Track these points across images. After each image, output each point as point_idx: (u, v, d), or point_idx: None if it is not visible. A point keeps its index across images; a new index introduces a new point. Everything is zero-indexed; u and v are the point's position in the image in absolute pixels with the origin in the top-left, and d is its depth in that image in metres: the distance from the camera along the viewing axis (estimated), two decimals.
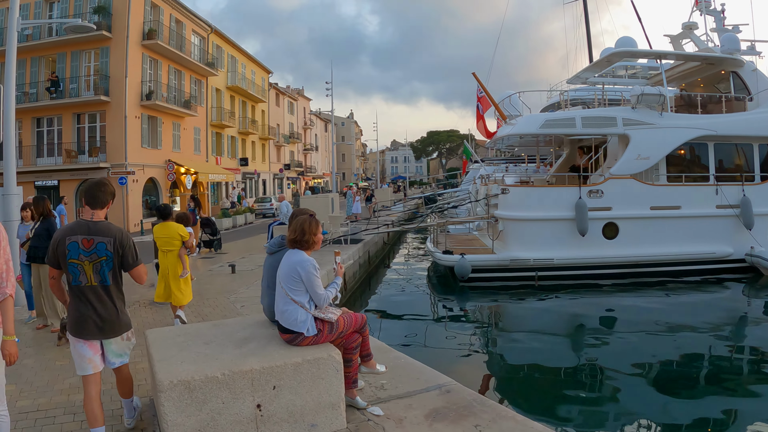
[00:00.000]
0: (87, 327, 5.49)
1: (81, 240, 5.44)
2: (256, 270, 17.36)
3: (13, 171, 13.18)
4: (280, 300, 6.21)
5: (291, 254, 6.33)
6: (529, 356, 13.87)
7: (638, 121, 21.88)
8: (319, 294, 6.17)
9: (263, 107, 73.43)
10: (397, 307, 19.25)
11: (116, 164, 39.44)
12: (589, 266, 21.12)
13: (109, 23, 39.87)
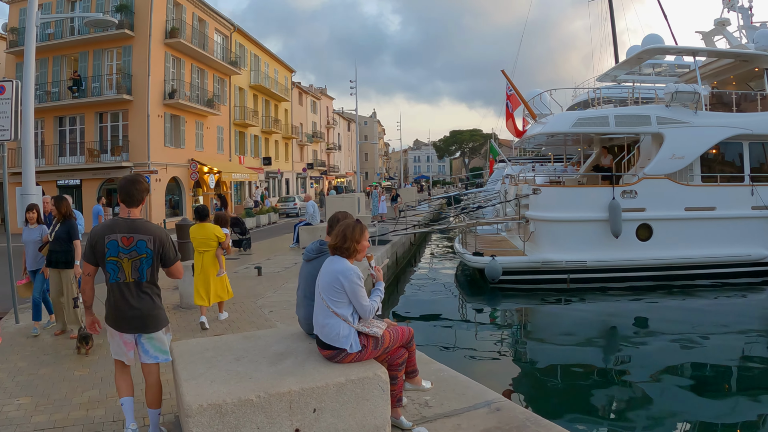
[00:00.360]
0: (124, 322, 5.56)
1: (120, 238, 5.49)
2: (283, 273, 16.85)
3: (31, 170, 12.67)
4: (321, 313, 5.62)
5: (332, 262, 5.73)
6: (561, 361, 13.48)
7: (673, 120, 21.19)
8: (363, 306, 5.59)
9: (286, 106, 72.98)
10: (425, 310, 18.74)
11: (139, 163, 39.09)
12: (622, 269, 20.44)
13: (131, 22, 39.64)
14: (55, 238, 10.01)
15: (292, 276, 16.14)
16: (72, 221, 10.20)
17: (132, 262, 5.49)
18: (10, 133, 11.86)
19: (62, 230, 10.02)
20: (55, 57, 41.42)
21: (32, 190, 12.47)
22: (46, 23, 40.32)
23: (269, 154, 65.89)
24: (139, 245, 5.51)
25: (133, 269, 5.50)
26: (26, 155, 12.68)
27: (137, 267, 5.51)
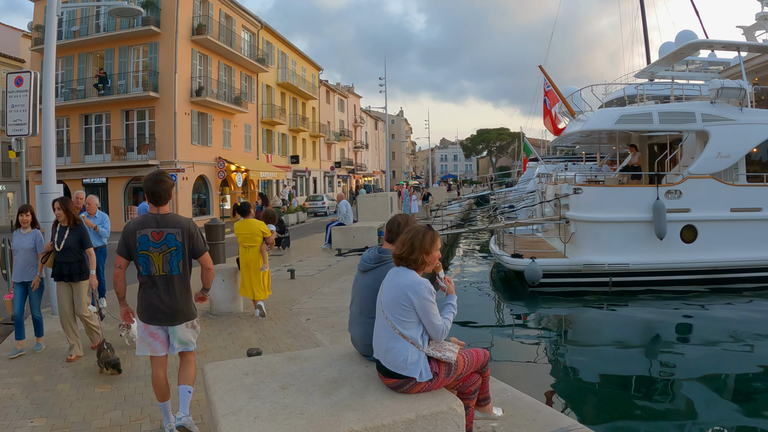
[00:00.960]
0: (155, 314, 5.74)
1: (151, 233, 5.70)
2: (317, 276, 16.02)
3: (52, 167, 11.83)
4: (384, 334, 4.71)
5: (398, 274, 4.81)
6: (602, 368, 12.85)
7: (718, 117, 20.25)
8: (435, 325, 4.70)
9: (313, 104, 72.28)
10: (459, 313, 17.62)
11: (165, 161, 38.45)
12: (665, 272, 19.54)
13: (157, 18, 39.03)
14: (64, 248, 8.69)
15: (326, 280, 15.35)
16: (82, 227, 9.00)
17: (162, 256, 5.70)
18: (29, 128, 11.12)
19: (73, 239, 8.76)
20: (80, 54, 40.95)
21: (53, 188, 11.65)
22: (71, 20, 40.05)
23: (297, 152, 65.20)
24: (169, 239, 5.72)
25: (164, 262, 5.71)
26: (47, 151, 11.85)
27: (168, 260, 5.72)
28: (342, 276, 15.77)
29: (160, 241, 5.71)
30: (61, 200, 8.88)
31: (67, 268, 8.74)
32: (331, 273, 16.42)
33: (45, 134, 11.74)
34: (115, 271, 5.91)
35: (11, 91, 11.23)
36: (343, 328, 10.02)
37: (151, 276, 5.73)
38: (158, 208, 5.85)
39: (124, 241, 5.79)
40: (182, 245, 5.78)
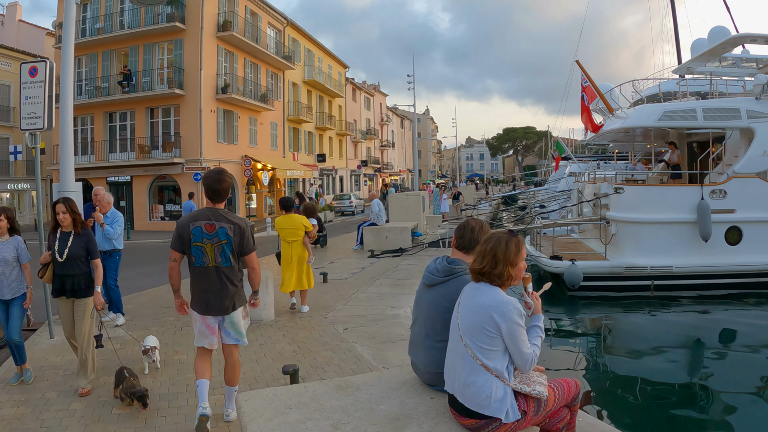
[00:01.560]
0: (207, 304, 6.05)
1: (204, 225, 5.93)
2: (351, 279, 15.15)
3: (70, 165, 11.04)
4: (462, 365, 3.84)
5: (479, 293, 3.93)
6: (643, 375, 12.24)
7: (764, 114, 19.51)
8: (524, 354, 3.87)
9: (340, 102, 71.44)
10: None
11: (191, 159, 37.88)
12: (710, 275, 18.64)
13: (182, 14, 38.37)
14: (68, 257, 7.29)
15: (361, 284, 14.47)
16: (89, 233, 7.58)
17: (214, 248, 5.92)
18: (44, 121, 10.32)
19: (78, 246, 7.37)
20: (104, 52, 40.49)
21: (71, 186, 10.87)
22: (95, 18, 39.67)
23: (323, 150, 64.41)
24: (221, 232, 5.92)
25: (215, 254, 5.93)
26: (64, 147, 11.07)
27: (219, 252, 5.93)
28: (377, 280, 14.89)
29: (213, 234, 5.93)
30: (65, 201, 7.47)
31: (70, 282, 7.33)
32: (366, 276, 15.55)
33: (63, 129, 11.00)
34: (170, 264, 6.14)
35: (25, 82, 10.44)
36: (385, 338, 9.18)
37: (204, 267, 5.97)
38: (214, 204, 6.14)
39: (177, 234, 6.03)
40: (232, 239, 5.95)
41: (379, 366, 7.84)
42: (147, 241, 31.34)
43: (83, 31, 40.59)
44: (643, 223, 18.78)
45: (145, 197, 39.53)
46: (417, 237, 22.05)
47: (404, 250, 19.94)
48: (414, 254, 19.48)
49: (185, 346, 9.31)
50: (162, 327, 10.61)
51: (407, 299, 12.10)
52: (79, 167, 39.50)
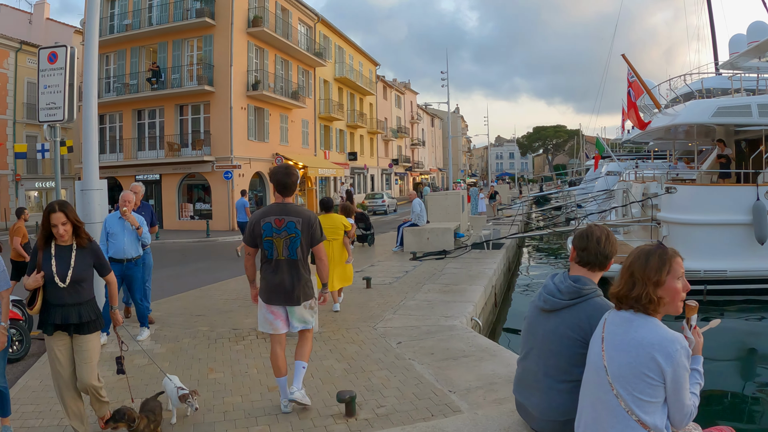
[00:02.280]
0: (275, 294, 6.23)
1: (273, 220, 6.16)
2: (395, 285, 14.00)
3: (94, 161, 10.07)
4: (612, 420, 2.83)
5: (633, 326, 2.92)
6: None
7: None
8: (685, 406, 3.03)
9: (371, 100, 70.45)
10: None
11: (221, 157, 36.97)
12: (766, 280, 17.45)
13: (212, 10, 37.51)
14: (73, 280, 5.43)
15: (407, 289, 13.33)
16: (95, 245, 5.76)
17: (283, 241, 6.14)
18: (63, 112, 9.34)
19: (84, 263, 5.56)
20: (133, 48, 39.87)
21: (95, 184, 9.90)
22: (123, 14, 39.08)
23: (354, 149, 63.54)
24: (289, 226, 6.14)
25: (284, 247, 6.14)
26: (88, 142, 10.12)
27: (287, 245, 6.14)
28: (424, 285, 13.76)
29: (282, 228, 6.14)
30: (62, 207, 5.49)
31: (76, 313, 5.45)
32: (411, 281, 14.42)
33: (87, 121, 10.03)
34: (245, 258, 6.48)
35: (44, 69, 9.52)
36: (445, 355, 8.17)
37: (274, 260, 6.19)
38: (283, 198, 6.33)
39: (250, 230, 6.28)
40: (301, 233, 6.17)
41: (444, 389, 6.78)
42: (176, 241, 30.50)
43: (111, 27, 40.06)
44: (696, 224, 17.77)
45: (174, 196, 38.81)
46: (459, 238, 20.96)
47: (447, 252, 18.85)
48: (458, 257, 18.38)
49: (221, 362, 8.28)
50: (194, 339, 9.58)
51: (460, 308, 11.04)
52: (107, 165, 39.22)
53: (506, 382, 6.69)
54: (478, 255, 18.67)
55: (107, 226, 9.33)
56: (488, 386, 6.77)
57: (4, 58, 44.92)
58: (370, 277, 13.89)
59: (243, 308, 11.89)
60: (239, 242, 28.34)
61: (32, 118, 45.01)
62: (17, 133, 45.73)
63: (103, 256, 5.89)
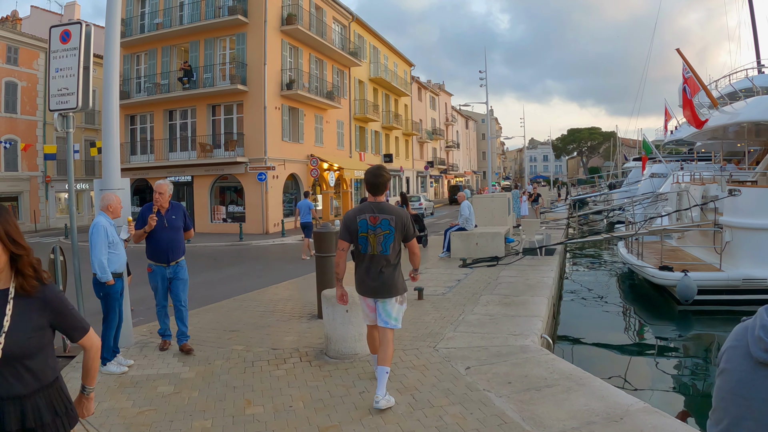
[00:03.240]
0: (368, 286, 6.61)
1: (368, 217, 6.52)
2: (449, 296, 12.66)
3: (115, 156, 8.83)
4: None
5: None
6: None
7: None
8: None
9: (406, 101, 69.15)
10: (591, 332, 15.68)
11: (255, 159, 35.74)
12: None
13: (244, 7, 36.37)
14: (4, 355, 2.83)
15: (464, 301, 11.99)
16: (53, 292, 3.07)
17: (377, 237, 6.50)
18: (77, 99, 8.08)
19: (28, 325, 2.95)
20: (164, 47, 38.97)
21: (116, 183, 8.67)
22: (154, 13, 38.27)
23: (390, 151, 62.25)
24: (383, 223, 6.50)
25: (377, 243, 6.50)
26: (108, 136, 8.86)
27: (380, 242, 6.50)
28: (482, 296, 12.41)
29: (376, 225, 6.46)
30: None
31: (13, 413, 2.87)
32: (465, 292, 13.07)
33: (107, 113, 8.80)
34: (337, 253, 6.68)
35: (55, 50, 8.28)
36: (525, 384, 6.90)
37: (368, 255, 6.52)
38: (375, 197, 6.65)
39: (346, 227, 6.58)
40: (394, 230, 6.47)
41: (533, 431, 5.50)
42: (208, 245, 29.45)
43: (141, 27, 39.32)
44: (764, 229, 16.40)
45: (206, 198, 37.73)
46: (508, 243, 19.63)
47: (499, 259, 17.51)
48: (510, 264, 17.03)
49: (259, 392, 6.98)
50: (228, 360, 8.30)
51: (527, 324, 9.72)
52: (138, 167, 38.48)
53: (606, 422, 5.60)
54: (531, 262, 17.36)
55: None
56: (586, 427, 5.52)
57: (33, 58, 44.82)
58: (421, 288, 12.51)
59: (282, 323, 10.65)
60: (296, 244, 27.56)
61: None
62: (47, 134, 45.53)
63: (71, 311, 3.17)
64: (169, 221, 8.61)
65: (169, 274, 8.68)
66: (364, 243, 6.53)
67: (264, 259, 22.60)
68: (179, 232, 8.79)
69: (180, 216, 8.85)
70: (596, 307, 18.51)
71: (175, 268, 8.73)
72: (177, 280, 8.78)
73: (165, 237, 8.57)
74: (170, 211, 8.71)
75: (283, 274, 17.78)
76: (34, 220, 44.53)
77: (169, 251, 8.61)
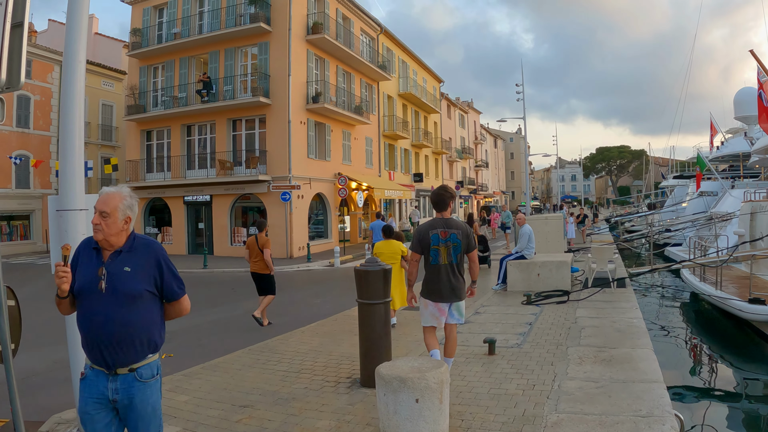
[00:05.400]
0: (441, 293, 7.47)
1: (440, 232, 7.42)
2: (527, 348, 9.79)
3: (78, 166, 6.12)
4: None
5: None
6: None
7: None
8: None
9: (435, 118, 66.32)
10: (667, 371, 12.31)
11: (278, 177, 32.99)
12: None
13: (267, 15, 33.83)
14: None
15: (549, 356, 9.15)
16: None
17: (447, 249, 7.40)
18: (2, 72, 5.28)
19: None
20: (182, 59, 36.48)
21: (77, 203, 5.96)
22: (172, 22, 36.03)
23: (419, 169, 59.41)
24: (452, 237, 7.40)
25: (447, 254, 7.40)
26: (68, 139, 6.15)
27: (449, 252, 7.40)
28: (569, 347, 9.57)
29: (446, 239, 7.39)
30: None
31: None
32: (545, 341, 10.16)
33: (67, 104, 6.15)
34: (411, 264, 7.81)
35: None
36: None
37: (438, 265, 7.43)
38: (441, 213, 7.64)
39: (418, 240, 7.54)
40: (461, 242, 7.41)
41: None
42: (226, 270, 26.89)
43: (159, 37, 37.07)
44: None
45: (226, 219, 35.07)
46: (573, 273, 16.77)
47: (569, 294, 14.61)
48: (583, 300, 14.18)
49: None
50: None
51: (648, 394, 7.02)
52: (153, 185, 35.92)
53: None
54: (605, 296, 14.53)
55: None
56: None
57: (47, 71, 42.94)
58: (492, 339, 9.55)
59: (312, 392, 7.79)
60: (323, 270, 24.95)
61: None
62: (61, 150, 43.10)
63: None
64: (111, 278, 3.90)
65: (113, 393, 3.90)
66: (435, 255, 7.39)
67: (288, 289, 19.97)
68: (136, 306, 3.94)
69: (143, 268, 4.01)
70: (665, 342, 15.60)
71: (126, 383, 3.93)
72: (131, 411, 3.95)
73: (99, 313, 3.86)
74: (122, 256, 4.02)
75: (310, 312, 15.06)
76: (46, 240, 42.29)
77: (106, 345, 3.87)
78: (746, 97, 36.52)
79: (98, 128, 47.32)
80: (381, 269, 7.87)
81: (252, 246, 14.11)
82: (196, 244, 36.28)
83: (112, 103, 47.98)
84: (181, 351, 11.19)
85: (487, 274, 20.63)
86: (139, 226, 38.11)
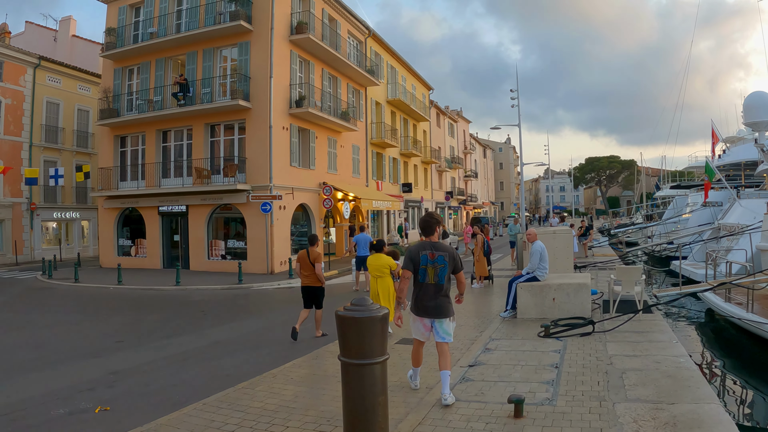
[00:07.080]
0: (426, 309, 7.98)
1: (428, 253, 7.97)
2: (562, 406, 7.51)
3: None
4: None
5: None
6: None
7: None
8: None
9: (425, 127, 64.37)
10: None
11: (258, 186, 30.74)
12: None
13: (248, 13, 31.67)
14: None
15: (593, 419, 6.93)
16: None
17: (434, 270, 7.93)
18: None
19: None
20: (158, 60, 34.23)
21: None
22: (148, 21, 33.65)
23: (408, 179, 57.33)
24: (439, 258, 7.96)
25: (434, 274, 7.93)
26: None
27: (437, 273, 7.93)
28: (615, 404, 7.34)
29: (434, 260, 7.93)
30: None
31: None
32: (581, 394, 7.94)
33: None
34: (403, 281, 8.07)
35: None
36: None
37: (426, 283, 7.96)
38: (429, 237, 8.23)
39: (410, 259, 8.01)
40: (447, 263, 7.98)
41: None
42: (200, 288, 24.63)
43: (135, 37, 34.82)
44: None
45: (203, 231, 32.78)
46: (593, 294, 14.60)
47: (593, 323, 12.34)
48: (610, 330, 11.99)
49: None
50: None
51: None
52: (126, 194, 33.50)
53: None
54: (632, 324, 12.34)
55: None
56: None
57: (20, 74, 41.35)
58: (520, 399, 7.18)
59: None
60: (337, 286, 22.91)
61: (51, 141, 43.27)
62: (33, 157, 42.18)
63: None
64: None
65: None
66: (423, 274, 7.95)
67: (265, 311, 17.90)
68: None
69: None
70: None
71: None
72: None
73: None
74: None
75: (288, 348, 12.73)
76: (15, 252, 40.19)
77: None
78: (757, 101, 34.28)
79: (73, 134, 45.49)
80: (376, 316, 5.63)
81: (303, 259, 13.89)
82: (171, 258, 33.90)
83: (89, 108, 45.89)
84: (121, 401, 8.96)
85: (489, 293, 18.53)
86: (112, 239, 36.06)
